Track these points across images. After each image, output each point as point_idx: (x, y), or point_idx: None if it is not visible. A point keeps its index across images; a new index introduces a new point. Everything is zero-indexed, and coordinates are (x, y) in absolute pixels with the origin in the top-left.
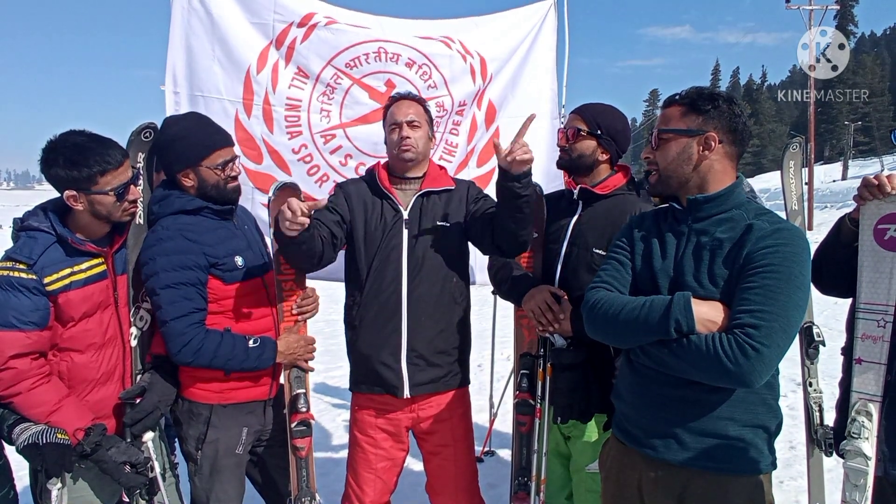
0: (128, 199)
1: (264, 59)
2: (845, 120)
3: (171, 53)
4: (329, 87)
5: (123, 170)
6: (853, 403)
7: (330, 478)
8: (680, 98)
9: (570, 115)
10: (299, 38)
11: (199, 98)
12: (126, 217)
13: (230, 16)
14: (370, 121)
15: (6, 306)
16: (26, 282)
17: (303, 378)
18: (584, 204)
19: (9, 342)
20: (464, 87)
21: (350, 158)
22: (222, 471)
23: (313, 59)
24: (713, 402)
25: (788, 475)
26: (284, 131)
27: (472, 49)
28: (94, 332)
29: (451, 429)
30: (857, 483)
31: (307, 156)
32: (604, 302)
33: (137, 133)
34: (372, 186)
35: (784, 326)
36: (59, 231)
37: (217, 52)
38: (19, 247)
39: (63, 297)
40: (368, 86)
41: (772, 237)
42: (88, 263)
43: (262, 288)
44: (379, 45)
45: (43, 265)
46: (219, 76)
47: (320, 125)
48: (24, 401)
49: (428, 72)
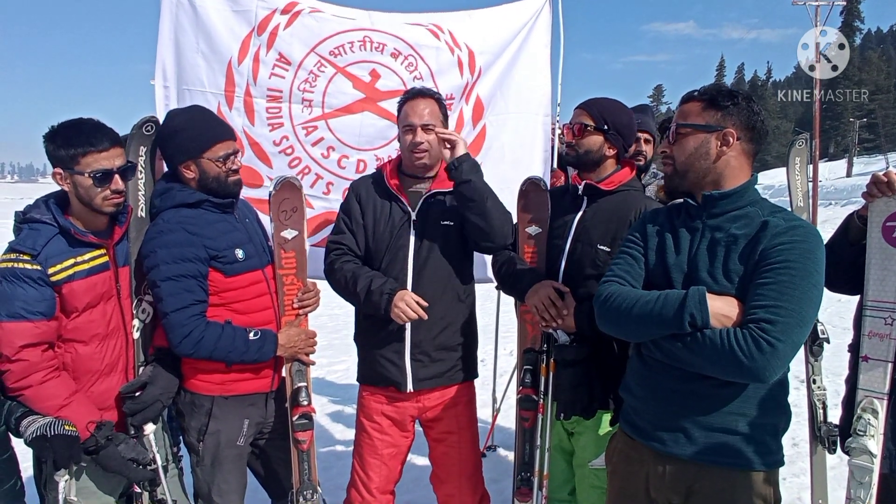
0: (109, 187)
1: (246, 47)
2: (850, 117)
3: (160, 49)
4: (312, 74)
5: (108, 156)
6: (859, 401)
7: (332, 472)
8: (699, 94)
9: (576, 111)
10: (282, 24)
11: (186, 92)
12: (108, 207)
13: (213, 4)
14: (353, 111)
15: (13, 297)
16: (31, 272)
17: (304, 371)
18: (589, 200)
19: (19, 332)
20: (450, 80)
21: (332, 151)
22: (224, 462)
23: (296, 45)
24: (723, 397)
25: (791, 472)
26: (265, 123)
27: (460, 41)
28: (97, 323)
29: (456, 416)
30: (862, 480)
31: (288, 148)
32: (617, 295)
33: (139, 127)
34: (381, 186)
35: (799, 322)
36: (62, 222)
37: (201, 44)
38: (22, 238)
39: (67, 287)
40: (352, 75)
41: (787, 234)
42: (91, 254)
43: (263, 281)
44: (364, 34)
45: (47, 256)
46: (202, 68)
47: (302, 116)
48: (35, 394)
49: (414, 63)
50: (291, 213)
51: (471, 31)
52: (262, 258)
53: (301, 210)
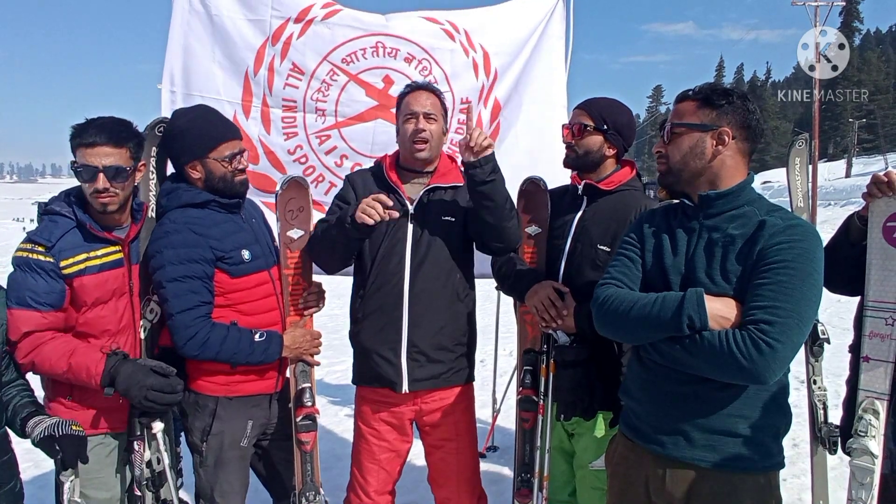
0: (94, 185)
1: (261, 57)
2: (850, 117)
3: (169, 53)
4: (324, 83)
5: (95, 153)
6: (860, 401)
7: (333, 472)
8: (694, 93)
9: (575, 111)
10: (296, 33)
11: (195, 98)
12: (97, 204)
13: (228, 14)
14: (366, 119)
15: (23, 286)
16: (44, 264)
17: (308, 372)
18: (589, 199)
19: (24, 319)
20: (466, 83)
21: (346, 159)
22: (227, 463)
23: (309, 54)
24: (723, 400)
25: (791, 473)
26: (281, 132)
27: (476, 42)
28: (108, 319)
29: (455, 423)
30: (863, 481)
31: (302, 156)
32: (614, 298)
33: (151, 128)
34: (379, 178)
35: (798, 323)
36: (80, 216)
37: (217, 53)
38: (40, 229)
39: (78, 281)
40: (365, 82)
41: (785, 233)
42: (105, 250)
43: (269, 281)
44: (377, 39)
45: (61, 248)
46: (219, 78)
47: (315, 125)
48: (41, 358)
49: (428, 66)
50: (298, 213)
51: (487, 30)
52: (268, 259)
53: (308, 209)
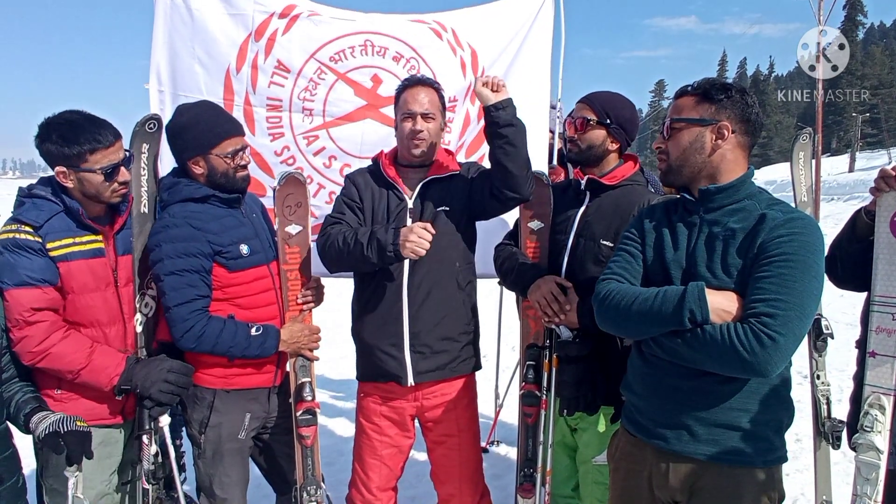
0: (117, 180)
1: (244, 53)
2: (853, 112)
3: (154, 52)
4: (312, 82)
5: (114, 150)
6: (866, 397)
7: (335, 467)
8: (693, 88)
9: (578, 105)
10: (280, 29)
11: (181, 98)
12: (115, 198)
13: (209, 9)
14: (354, 119)
15: (17, 266)
16: (32, 243)
17: (308, 367)
18: (592, 194)
19: (27, 297)
20: (453, 82)
21: (334, 160)
22: (225, 455)
23: (295, 51)
24: (725, 394)
25: (794, 468)
26: (266, 133)
27: (463, 41)
28: (98, 309)
29: (456, 419)
30: (868, 477)
31: (290, 158)
32: (615, 293)
33: (142, 124)
34: (377, 175)
35: (800, 315)
36: (69, 203)
37: (198, 50)
38: (25, 210)
39: (64, 265)
40: (354, 81)
41: (785, 226)
42: (88, 238)
43: (268, 276)
44: (365, 37)
45: (48, 231)
46: (200, 75)
47: (303, 126)
48: (60, 350)
49: (416, 66)
50: (296, 208)
51: (475, 28)
52: (267, 253)
53: (305, 205)
